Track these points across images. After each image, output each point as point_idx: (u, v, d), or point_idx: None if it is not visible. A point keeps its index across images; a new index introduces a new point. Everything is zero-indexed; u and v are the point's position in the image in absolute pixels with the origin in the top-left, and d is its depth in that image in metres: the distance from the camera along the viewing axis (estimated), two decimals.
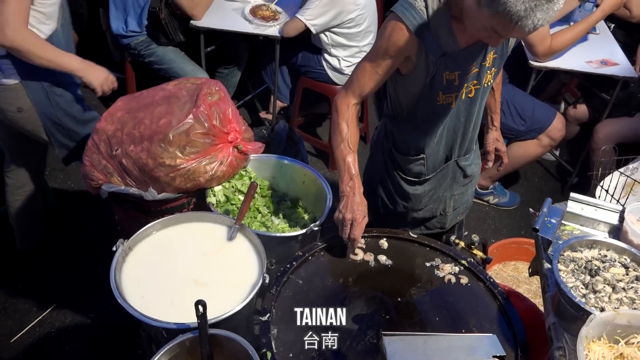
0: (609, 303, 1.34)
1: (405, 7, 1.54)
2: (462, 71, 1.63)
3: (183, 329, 1.44)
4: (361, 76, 1.67)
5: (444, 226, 2.08)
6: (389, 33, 1.57)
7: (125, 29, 3.16)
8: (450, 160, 1.89)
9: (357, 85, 1.69)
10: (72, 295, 2.69)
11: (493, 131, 2.13)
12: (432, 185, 1.92)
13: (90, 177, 1.91)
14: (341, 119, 1.70)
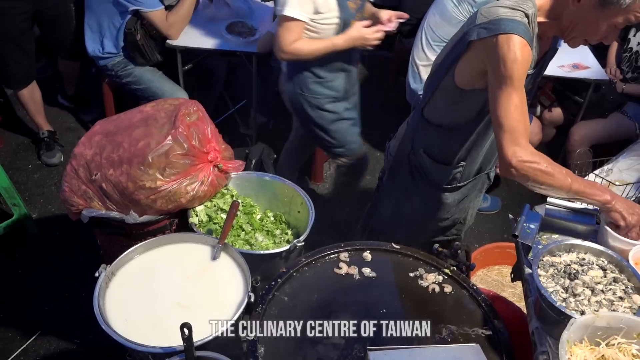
0: (588, 306, 1.37)
1: (516, 25, 1.47)
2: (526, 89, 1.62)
3: (170, 353, 1.43)
4: (518, 115, 1.49)
5: (460, 234, 2.11)
6: (521, 54, 1.46)
7: (101, 51, 3.15)
8: (482, 172, 1.92)
9: (523, 128, 1.50)
10: (56, 321, 2.65)
11: None
12: (462, 194, 1.93)
13: (70, 202, 1.90)
14: (544, 168, 1.52)
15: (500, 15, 1.50)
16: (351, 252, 1.79)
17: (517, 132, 1.49)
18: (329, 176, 3.77)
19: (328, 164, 3.83)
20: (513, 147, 1.49)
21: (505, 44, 1.47)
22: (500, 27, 1.48)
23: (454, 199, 1.91)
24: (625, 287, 1.42)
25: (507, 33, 1.47)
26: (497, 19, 1.50)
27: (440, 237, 2.03)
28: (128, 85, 3.25)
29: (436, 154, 1.85)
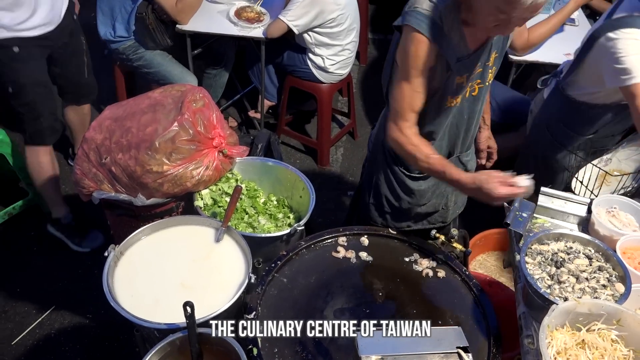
0: (572, 293, 1.42)
1: (420, 19, 1.55)
2: (470, 73, 1.69)
3: (173, 329, 1.52)
4: (402, 100, 1.65)
5: (446, 220, 2.16)
6: (414, 48, 1.57)
7: (113, 35, 3.21)
8: (452, 156, 1.96)
9: (403, 110, 1.66)
10: (70, 297, 2.77)
11: (485, 130, 2.19)
12: (435, 181, 1.98)
13: (82, 184, 1.98)
14: (407, 145, 1.68)
15: (416, 7, 1.57)
16: (349, 236, 1.86)
17: (395, 113, 1.69)
18: (336, 160, 3.83)
19: (335, 148, 3.89)
20: (389, 123, 1.72)
21: (406, 36, 1.59)
22: (409, 18, 1.58)
23: (428, 185, 1.97)
24: (609, 276, 1.47)
25: (410, 26, 1.57)
26: (412, 9, 1.58)
27: (425, 225, 2.08)
28: (139, 68, 3.32)
29: None
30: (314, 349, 1.50)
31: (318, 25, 3.12)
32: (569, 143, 2.33)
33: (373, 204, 2.05)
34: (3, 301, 2.75)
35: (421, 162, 1.68)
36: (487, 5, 1.45)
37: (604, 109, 2.21)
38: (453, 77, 1.66)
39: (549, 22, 3.00)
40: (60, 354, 2.55)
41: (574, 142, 2.31)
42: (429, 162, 1.67)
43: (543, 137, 2.45)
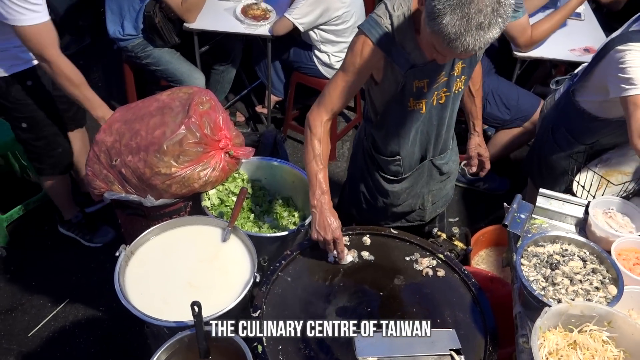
0: (565, 295, 1.47)
1: (372, 25, 1.64)
2: (431, 80, 1.74)
3: (182, 327, 1.58)
4: (333, 91, 1.75)
5: (424, 219, 2.21)
6: (358, 49, 1.67)
7: (121, 32, 3.26)
8: (425, 160, 2.01)
9: (329, 101, 1.77)
10: (83, 290, 2.86)
11: (475, 137, 2.20)
12: (409, 183, 2.05)
13: (93, 185, 2.05)
14: (313, 137, 1.77)
15: (373, 13, 1.67)
16: (351, 236, 1.91)
17: (322, 99, 1.78)
18: (342, 154, 3.87)
19: (341, 143, 3.93)
20: (313, 106, 1.80)
21: (356, 37, 1.69)
22: (364, 22, 1.68)
23: (402, 187, 2.03)
24: (602, 278, 1.51)
25: (361, 30, 1.67)
26: (370, 15, 1.67)
27: (403, 223, 2.13)
28: (147, 66, 3.37)
29: (378, 146, 1.98)
30: (316, 347, 1.56)
31: (323, 23, 3.16)
32: (568, 148, 2.35)
33: (351, 201, 2.10)
34: (19, 294, 2.84)
35: (312, 162, 1.76)
36: (425, 37, 1.51)
37: (604, 123, 2.23)
38: (410, 82, 1.72)
39: (553, 18, 3.01)
40: (75, 346, 2.65)
41: (573, 148, 2.34)
42: (318, 172, 1.75)
43: (547, 138, 2.48)
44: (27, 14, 2.06)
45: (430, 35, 1.44)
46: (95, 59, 4.47)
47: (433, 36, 1.43)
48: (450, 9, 1.34)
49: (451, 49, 1.41)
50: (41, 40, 2.13)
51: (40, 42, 2.13)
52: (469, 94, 2.08)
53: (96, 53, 4.49)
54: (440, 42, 1.42)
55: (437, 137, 1.94)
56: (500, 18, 1.36)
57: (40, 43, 2.14)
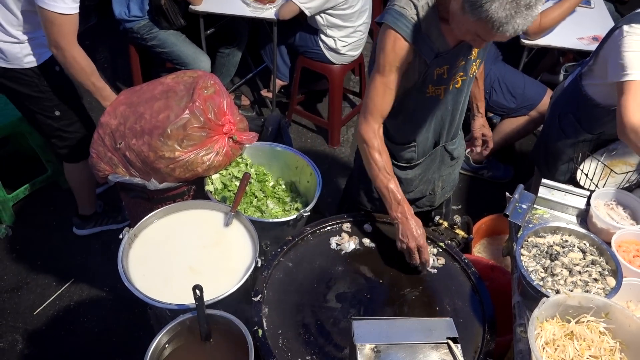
0: (564, 286, 1.48)
1: (397, 18, 1.60)
2: (451, 65, 1.73)
3: (184, 310, 1.61)
4: (375, 97, 1.72)
5: (433, 204, 2.22)
6: (390, 46, 1.62)
7: (127, 14, 3.25)
8: (438, 145, 2.01)
9: (375, 108, 1.73)
10: (88, 271, 2.90)
11: (479, 118, 2.22)
12: (422, 169, 2.05)
13: (97, 168, 2.06)
14: (372, 150, 1.74)
15: (394, 5, 1.62)
16: (353, 222, 1.92)
17: (367, 109, 1.74)
18: (346, 140, 3.87)
19: (346, 128, 3.93)
20: (360, 118, 1.78)
21: (383, 33, 1.64)
22: (386, 16, 1.62)
23: (415, 174, 2.03)
24: (601, 270, 1.52)
25: (387, 24, 1.61)
26: (390, 7, 1.63)
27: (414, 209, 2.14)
28: (153, 48, 3.37)
29: (391, 134, 1.97)
30: (316, 332, 1.58)
31: (330, 7, 3.13)
32: (574, 135, 2.34)
33: (363, 189, 2.11)
34: (25, 273, 2.88)
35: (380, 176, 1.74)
36: (465, 26, 1.49)
37: (605, 111, 2.21)
38: (432, 70, 1.71)
39: (562, 6, 2.97)
40: (79, 325, 2.69)
41: (579, 136, 2.33)
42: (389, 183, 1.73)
43: (553, 124, 2.47)
44: (67, 3, 2.10)
45: (475, 23, 1.42)
46: (101, 40, 4.47)
47: (479, 24, 1.41)
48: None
49: (501, 33, 1.40)
50: (64, 29, 2.15)
51: (63, 30, 2.15)
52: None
53: (102, 33, 4.49)
54: (488, 29, 1.40)
55: (451, 122, 1.95)
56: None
57: (62, 31, 2.16)
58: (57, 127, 2.57)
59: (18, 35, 2.29)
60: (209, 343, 1.58)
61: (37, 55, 2.37)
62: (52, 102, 2.49)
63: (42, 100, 2.47)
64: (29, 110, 2.51)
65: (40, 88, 2.43)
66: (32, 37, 2.32)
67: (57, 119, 2.54)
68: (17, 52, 2.32)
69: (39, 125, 2.59)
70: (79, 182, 2.85)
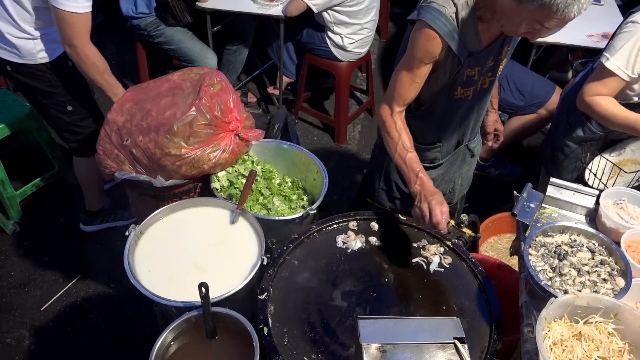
0: (572, 286, 1.46)
1: (435, 16, 1.56)
2: (482, 67, 1.72)
3: (189, 307, 1.60)
4: (400, 87, 1.70)
5: (452, 202, 2.22)
6: (424, 42, 1.60)
7: (134, 11, 3.26)
8: (461, 144, 2.01)
9: (398, 96, 1.71)
10: (95, 266, 2.91)
11: (493, 113, 2.22)
12: (444, 169, 2.04)
13: (104, 165, 2.07)
14: (389, 128, 1.74)
15: (432, 3, 1.58)
16: (359, 221, 1.91)
17: (390, 96, 1.74)
18: (353, 137, 3.86)
19: (352, 126, 3.92)
20: (381, 103, 1.77)
21: (419, 30, 1.61)
22: (424, 13, 1.59)
23: (438, 173, 2.02)
24: (610, 270, 1.50)
25: (424, 22, 1.58)
26: (428, 5, 1.59)
27: None
28: (160, 45, 3.37)
29: (416, 135, 1.94)
30: (321, 330, 1.58)
31: (337, 4, 3.12)
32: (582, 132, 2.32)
33: (384, 190, 2.10)
34: (32, 269, 2.90)
35: (398, 151, 1.72)
36: (522, 16, 1.44)
37: None
38: (463, 70, 1.69)
39: None
40: (85, 321, 2.70)
41: (587, 133, 2.31)
42: (406, 156, 1.71)
43: (562, 120, 2.45)
44: (79, 2, 2.12)
45: (536, 10, 1.39)
46: (109, 37, 4.48)
47: (540, 10, 1.38)
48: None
49: (565, 16, 1.37)
50: (78, 27, 2.17)
51: (76, 29, 2.17)
52: None
53: (109, 30, 4.49)
54: (551, 13, 1.37)
55: (475, 121, 1.95)
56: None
57: (76, 30, 2.17)
58: (68, 121, 2.59)
59: (31, 32, 2.30)
60: (215, 341, 1.58)
61: (51, 51, 2.39)
62: (65, 97, 2.51)
63: (55, 95, 2.49)
64: (42, 104, 2.54)
65: (53, 83, 2.45)
66: (45, 33, 2.33)
67: (69, 113, 2.56)
68: (31, 48, 2.34)
69: (52, 120, 2.61)
70: (88, 177, 2.86)
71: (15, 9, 2.24)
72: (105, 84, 2.30)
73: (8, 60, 2.37)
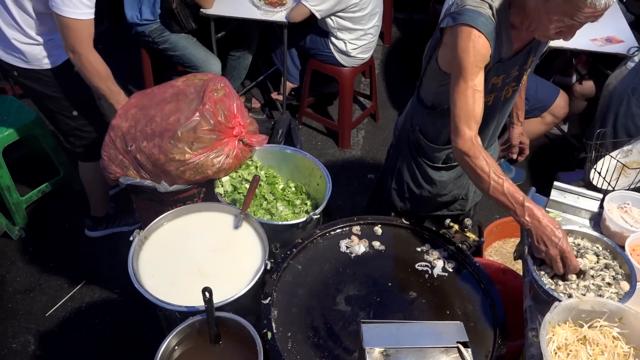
0: (577, 290, 1.46)
1: (474, 16, 1.53)
2: (506, 75, 1.71)
3: (193, 312, 1.61)
4: (465, 104, 1.57)
5: (464, 209, 2.20)
6: (473, 45, 1.53)
7: (139, 18, 3.28)
8: None
9: (468, 116, 1.58)
10: (99, 273, 2.91)
11: (518, 126, 2.21)
12: (457, 173, 2.03)
13: (109, 170, 2.08)
14: (475, 160, 1.56)
15: (466, 5, 1.55)
16: (363, 225, 1.91)
17: (459, 119, 1.58)
18: (357, 142, 3.86)
19: (356, 131, 3.92)
20: (455, 133, 1.60)
21: (461, 34, 1.54)
22: (462, 17, 1.54)
23: (450, 176, 2.00)
24: (615, 274, 1.50)
25: (465, 24, 1.53)
26: (462, 8, 1.56)
27: (444, 212, 2.12)
28: (164, 51, 3.39)
29: (429, 134, 1.93)
30: (325, 335, 1.58)
31: (340, 10, 3.13)
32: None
33: (395, 189, 2.10)
34: (37, 275, 2.91)
35: (492, 183, 1.54)
36: (551, 12, 1.42)
37: None
38: (489, 77, 1.66)
39: None
40: (90, 326, 2.70)
41: None
42: (503, 186, 1.52)
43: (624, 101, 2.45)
44: (81, 9, 2.12)
45: (563, 4, 1.37)
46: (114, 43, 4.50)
47: (567, 3, 1.36)
48: None
49: (592, 6, 1.35)
50: (80, 34, 2.18)
51: (79, 35, 2.18)
52: None
53: (114, 37, 4.52)
54: (580, 5, 1.35)
55: (495, 130, 1.94)
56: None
57: (79, 37, 2.18)
58: (74, 126, 2.61)
59: (36, 37, 2.32)
60: (218, 345, 1.59)
61: (56, 57, 2.41)
62: (70, 102, 2.53)
63: (60, 100, 2.51)
64: (48, 109, 2.56)
65: (58, 88, 2.47)
66: (51, 39, 2.35)
67: (75, 118, 2.57)
68: (37, 54, 2.36)
69: (58, 124, 2.63)
70: (93, 182, 2.87)
71: (20, 15, 2.26)
72: (108, 91, 2.31)
73: (15, 66, 2.39)
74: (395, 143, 2.15)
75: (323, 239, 1.87)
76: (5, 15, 2.28)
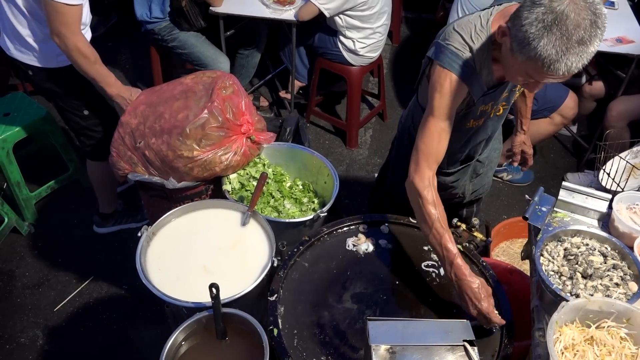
0: (584, 290, 1.45)
1: (452, 59, 1.54)
2: (495, 101, 1.72)
3: (200, 308, 1.62)
4: (430, 142, 1.59)
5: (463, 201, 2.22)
6: (447, 88, 1.55)
7: (149, 15, 3.29)
8: (472, 160, 2.02)
9: (429, 154, 1.60)
10: (107, 268, 2.93)
11: (521, 135, 2.20)
12: (454, 178, 2.05)
13: (117, 166, 2.09)
14: (426, 203, 1.58)
15: (450, 44, 1.55)
16: (370, 224, 1.91)
17: (421, 154, 1.61)
18: (364, 141, 3.86)
19: (364, 130, 3.92)
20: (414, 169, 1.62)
21: (440, 75, 1.56)
22: (443, 57, 1.56)
23: (445, 181, 2.02)
24: (623, 274, 1.49)
25: (442, 66, 1.55)
26: (446, 45, 1.56)
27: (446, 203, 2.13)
28: (173, 49, 3.40)
29: None
30: (331, 332, 1.58)
31: (349, 9, 3.13)
32: None
33: (394, 181, 2.10)
34: (46, 270, 2.93)
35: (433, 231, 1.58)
36: (515, 68, 1.43)
37: None
38: (477, 106, 1.70)
39: None
40: (98, 322, 2.72)
41: None
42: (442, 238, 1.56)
43: None
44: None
45: (526, 63, 1.35)
46: (123, 41, 4.53)
47: (529, 63, 1.34)
48: (545, 30, 1.26)
49: (552, 72, 1.32)
50: (68, 17, 2.16)
51: (67, 19, 2.17)
52: (522, 93, 2.08)
53: (124, 35, 4.55)
54: (538, 68, 1.33)
55: (487, 142, 1.97)
56: (599, 30, 1.29)
57: (66, 20, 2.17)
58: (85, 125, 2.62)
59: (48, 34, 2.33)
60: (225, 341, 1.59)
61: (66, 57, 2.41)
62: (82, 101, 2.54)
63: (72, 99, 2.52)
64: (61, 107, 2.58)
65: (70, 87, 2.48)
66: None
67: (86, 117, 2.59)
68: (51, 52, 2.37)
69: (69, 123, 2.66)
70: (101, 180, 2.89)
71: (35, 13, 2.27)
72: (97, 74, 2.29)
73: (29, 65, 2.41)
74: (398, 136, 2.17)
75: (330, 237, 1.87)
76: (19, 15, 2.29)
